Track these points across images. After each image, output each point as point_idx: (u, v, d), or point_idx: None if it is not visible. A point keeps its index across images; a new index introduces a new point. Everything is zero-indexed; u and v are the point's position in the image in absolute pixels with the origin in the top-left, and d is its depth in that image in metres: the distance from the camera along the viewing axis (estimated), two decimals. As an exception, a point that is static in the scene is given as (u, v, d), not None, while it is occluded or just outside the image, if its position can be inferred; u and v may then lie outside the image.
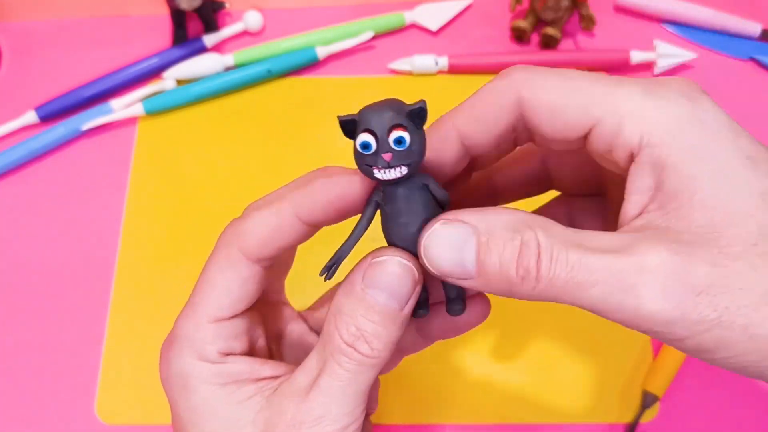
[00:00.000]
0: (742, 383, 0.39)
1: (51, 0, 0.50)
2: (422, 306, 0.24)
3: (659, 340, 0.20)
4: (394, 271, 0.22)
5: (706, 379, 0.39)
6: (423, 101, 0.20)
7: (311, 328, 0.29)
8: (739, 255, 0.18)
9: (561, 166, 0.27)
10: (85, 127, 0.45)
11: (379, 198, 0.22)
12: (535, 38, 0.48)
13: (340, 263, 0.22)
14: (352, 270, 0.23)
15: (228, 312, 0.24)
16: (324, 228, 0.27)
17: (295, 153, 0.45)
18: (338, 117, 0.20)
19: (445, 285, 0.24)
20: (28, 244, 0.43)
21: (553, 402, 0.39)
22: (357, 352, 0.22)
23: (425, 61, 0.46)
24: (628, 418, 0.38)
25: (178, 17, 0.46)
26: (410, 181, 0.21)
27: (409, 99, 0.21)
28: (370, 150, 0.20)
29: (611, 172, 0.23)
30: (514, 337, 0.40)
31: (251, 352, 0.25)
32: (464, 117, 0.22)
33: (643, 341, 0.40)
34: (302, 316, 0.29)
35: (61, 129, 0.45)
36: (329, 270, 0.22)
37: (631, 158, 0.21)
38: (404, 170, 0.20)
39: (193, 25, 0.48)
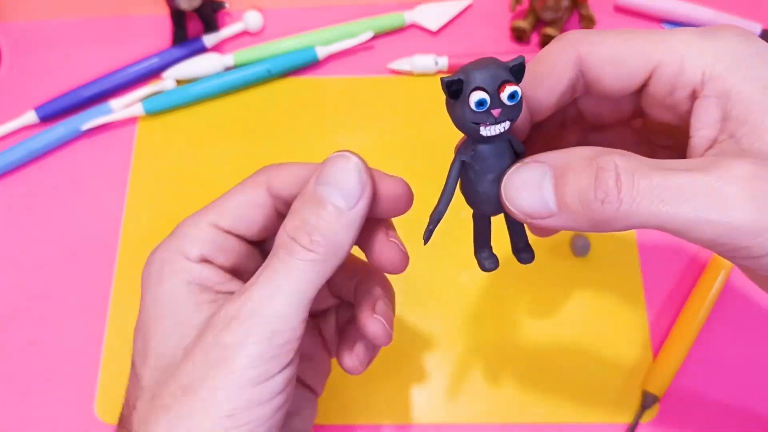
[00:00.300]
0: (742, 383, 0.39)
1: (51, 0, 0.50)
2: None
3: (742, 266, 0.20)
4: (344, 166, 0.22)
5: (706, 379, 0.39)
6: (522, 56, 0.21)
7: None
8: None
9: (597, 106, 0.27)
10: (85, 127, 0.45)
11: (467, 157, 0.22)
12: (535, 38, 0.48)
13: (436, 225, 0.23)
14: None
15: (227, 224, 0.25)
16: None
17: (296, 153, 0.45)
18: (442, 78, 0.20)
19: (513, 234, 0.24)
20: (27, 244, 0.43)
21: (553, 402, 0.39)
22: (297, 244, 0.22)
23: (425, 61, 0.46)
24: (628, 418, 0.38)
25: (178, 17, 0.46)
26: (500, 136, 0.21)
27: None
28: (485, 107, 0.20)
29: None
30: (513, 337, 0.40)
31: (236, 275, 0.26)
32: (529, 80, 0.23)
33: (643, 341, 0.40)
34: None
35: (60, 129, 0.45)
36: (429, 234, 0.23)
37: (693, 97, 0.21)
38: (507, 125, 0.21)
39: (193, 25, 0.48)
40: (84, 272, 0.42)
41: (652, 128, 0.25)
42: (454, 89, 0.20)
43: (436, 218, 0.22)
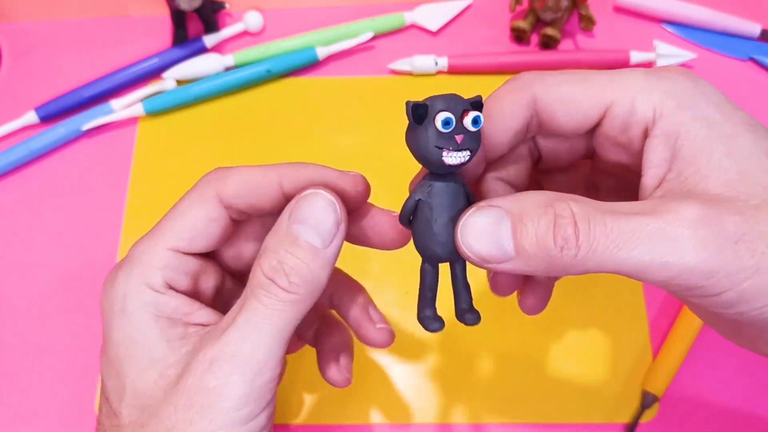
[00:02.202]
0: (742, 383, 0.39)
1: (51, 0, 0.50)
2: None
3: (695, 306, 0.20)
4: (319, 205, 0.22)
5: (706, 379, 0.39)
6: (480, 96, 0.21)
7: None
8: (759, 207, 0.19)
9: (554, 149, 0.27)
10: (86, 127, 0.45)
11: (423, 195, 0.22)
12: (534, 38, 0.48)
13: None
14: (284, 211, 0.23)
15: (186, 245, 0.24)
16: None
17: (295, 153, 0.45)
18: (408, 102, 0.21)
19: (457, 294, 0.24)
20: (28, 245, 0.43)
21: (553, 402, 0.39)
22: (276, 285, 0.22)
23: (425, 62, 0.46)
24: (628, 418, 0.38)
25: (178, 17, 0.46)
26: (453, 178, 0.22)
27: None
28: (450, 127, 0.20)
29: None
30: (513, 337, 0.40)
31: (196, 297, 0.25)
32: (484, 118, 0.23)
33: (643, 341, 0.40)
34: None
35: (61, 129, 0.45)
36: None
37: (645, 135, 0.22)
38: (467, 155, 0.21)
39: (194, 26, 0.48)
40: (84, 273, 0.42)
41: (602, 170, 0.26)
42: (420, 112, 0.21)
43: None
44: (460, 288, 0.24)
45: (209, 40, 0.47)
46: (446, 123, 0.20)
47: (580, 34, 0.48)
